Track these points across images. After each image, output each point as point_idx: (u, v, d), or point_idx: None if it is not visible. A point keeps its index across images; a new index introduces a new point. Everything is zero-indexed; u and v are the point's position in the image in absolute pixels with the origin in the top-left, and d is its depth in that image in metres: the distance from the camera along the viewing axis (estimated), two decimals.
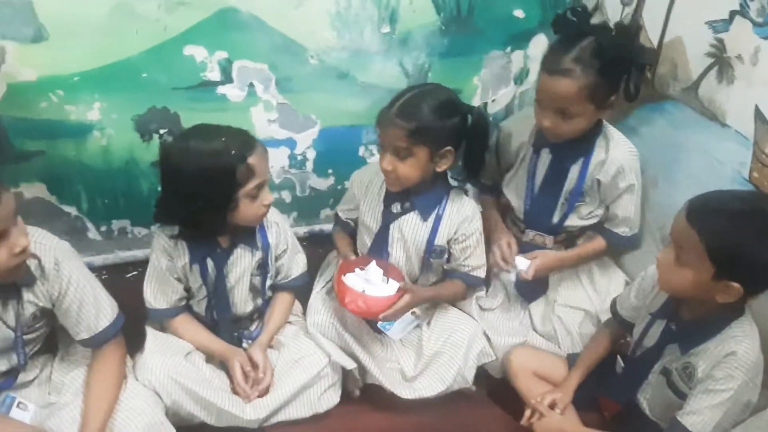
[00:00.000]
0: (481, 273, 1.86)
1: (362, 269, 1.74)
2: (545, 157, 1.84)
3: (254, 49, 1.91)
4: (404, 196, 1.76)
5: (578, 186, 1.82)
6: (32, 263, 1.42)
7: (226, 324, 1.76)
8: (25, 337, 1.48)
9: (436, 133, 1.63)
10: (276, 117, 2.02)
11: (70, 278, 1.47)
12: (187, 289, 1.72)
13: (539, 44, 2.16)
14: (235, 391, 1.67)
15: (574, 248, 1.92)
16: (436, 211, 1.77)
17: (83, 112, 1.85)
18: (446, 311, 1.88)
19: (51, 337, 1.62)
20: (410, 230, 1.79)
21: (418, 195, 1.75)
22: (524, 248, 1.91)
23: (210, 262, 1.66)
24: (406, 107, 1.63)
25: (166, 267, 1.66)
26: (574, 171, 1.81)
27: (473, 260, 1.83)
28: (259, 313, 1.82)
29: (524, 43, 2.17)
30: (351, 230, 1.94)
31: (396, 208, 1.78)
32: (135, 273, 2.07)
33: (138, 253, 2.09)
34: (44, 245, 1.45)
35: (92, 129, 1.88)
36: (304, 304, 1.88)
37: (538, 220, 1.91)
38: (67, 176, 1.93)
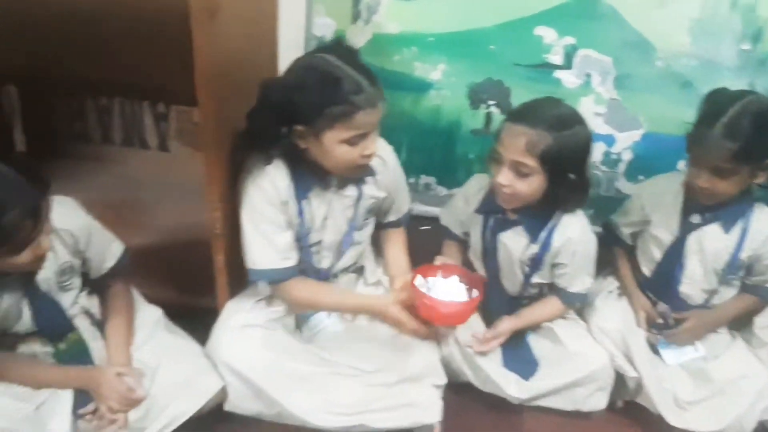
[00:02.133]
0: None
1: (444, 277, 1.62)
2: None
3: (603, 41, 1.91)
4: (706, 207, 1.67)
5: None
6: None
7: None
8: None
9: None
10: (604, 111, 2.00)
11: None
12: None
13: None
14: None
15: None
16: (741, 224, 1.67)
17: (428, 71, 1.99)
18: (740, 348, 1.76)
19: None
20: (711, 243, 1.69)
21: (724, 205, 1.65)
22: None
23: None
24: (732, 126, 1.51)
25: None
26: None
27: None
28: None
29: None
30: None
31: (696, 218, 1.69)
32: (428, 228, 2.20)
33: (434, 210, 2.22)
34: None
35: (431, 88, 2.01)
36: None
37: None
38: (397, 127, 2.09)
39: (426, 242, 1.81)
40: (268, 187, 1.50)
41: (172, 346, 1.57)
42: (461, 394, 1.71)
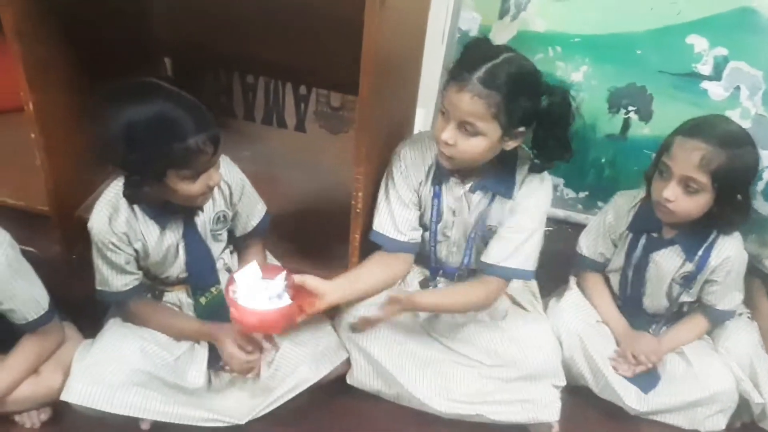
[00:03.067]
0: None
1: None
2: None
3: (756, 54, 1.85)
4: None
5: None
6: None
7: None
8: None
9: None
10: (748, 126, 1.93)
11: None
12: None
13: None
14: None
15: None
16: None
17: (569, 72, 1.98)
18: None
19: None
20: None
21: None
22: None
23: None
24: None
25: None
26: None
27: None
28: None
29: None
30: None
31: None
32: (550, 229, 2.19)
33: (558, 212, 2.21)
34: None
35: (570, 88, 1.99)
36: None
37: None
38: None
39: (549, 244, 1.80)
40: (409, 165, 1.56)
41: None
42: (577, 397, 1.70)
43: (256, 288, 1.45)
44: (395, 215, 1.60)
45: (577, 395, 1.69)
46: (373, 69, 1.36)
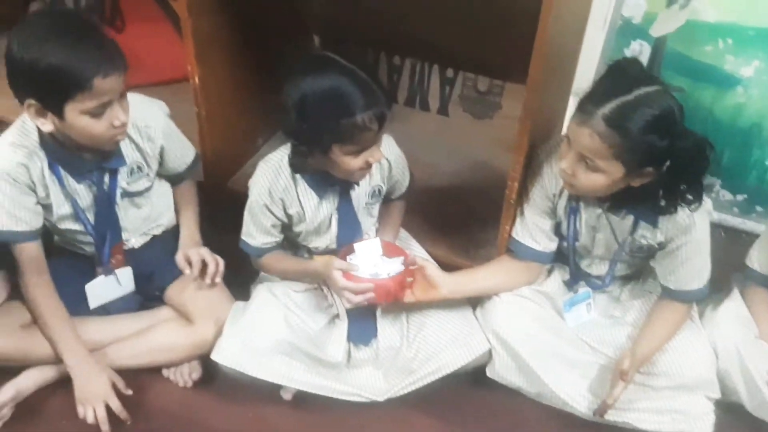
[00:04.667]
0: None
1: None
2: None
3: None
4: None
5: None
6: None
7: None
8: None
9: None
10: None
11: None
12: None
13: None
14: None
15: None
16: None
17: (738, 66, 1.84)
18: None
19: None
20: None
21: None
22: None
23: None
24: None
25: None
26: None
27: None
28: None
29: None
30: None
31: None
32: None
33: (712, 215, 2.08)
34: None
35: (738, 84, 1.86)
36: None
37: None
38: (689, 120, 1.97)
39: None
40: (547, 173, 1.52)
41: (446, 300, 1.61)
42: (728, 413, 1.60)
43: (372, 262, 1.50)
44: (528, 221, 1.57)
45: (729, 411, 1.59)
46: (545, 56, 1.31)
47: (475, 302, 1.64)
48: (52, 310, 1.54)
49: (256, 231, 1.58)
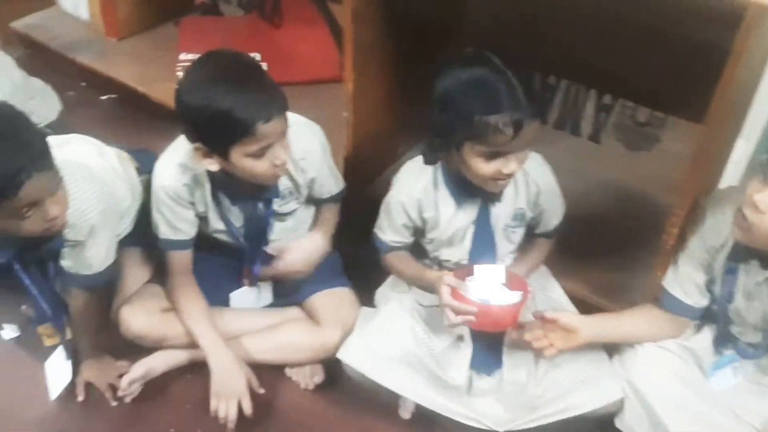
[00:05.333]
0: None
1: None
2: None
3: None
4: None
5: None
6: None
7: None
8: None
9: None
10: None
11: None
12: None
13: None
14: None
15: None
16: None
17: None
18: None
19: None
20: None
21: None
22: None
23: None
24: None
25: None
26: None
27: None
28: None
29: None
30: None
31: None
32: None
33: None
34: None
35: None
36: None
37: None
38: None
39: None
40: (709, 224, 1.40)
41: None
42: None
43: (489, 288, 1.44)
44: (681, 272, 1.45)
45: None
46: (731, 96, 1.21)
47: (611, 348, 1.55)
48: (195, 308, 1.61)
49: (387, 227, 1.58)
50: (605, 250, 1.79)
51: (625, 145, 2.06)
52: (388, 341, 1.52)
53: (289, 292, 1.72)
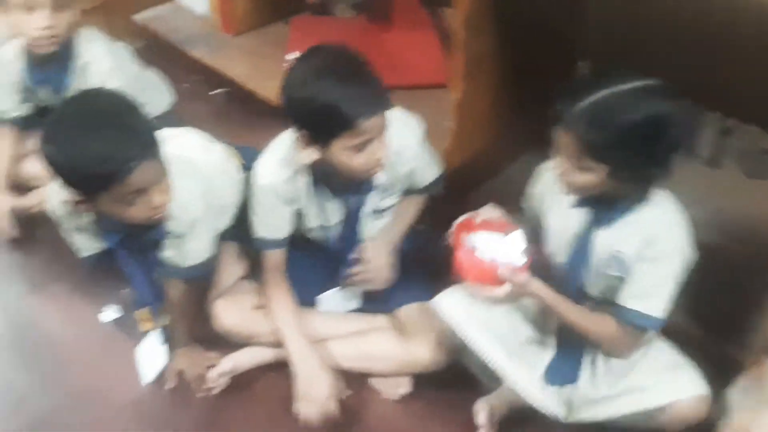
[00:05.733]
0: None
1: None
2: None
3: None
4: None
5: None
6: None
7: None
8: None
9: None
10: None
11: None
12: None
13: None
14: None
15: None
16: None
17: None
18: None
19: None
20: None
21: None
22: None
23: None
24: None
25: None
26: None
27: None
28: None
29: None
30: None
31: None
32: None
33: None
34: None
35: None
36: None
37: None
38: None
39: None
40: None
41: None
42: None
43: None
44: None
45: None
46: None
47: None
48: (285, 309, 1.63)
49: None
50: (722, 282, 1.65)
51: (744, 172, 1.93)
52: (485, 308, 1.48)
53: (378, 298, 1.71)
